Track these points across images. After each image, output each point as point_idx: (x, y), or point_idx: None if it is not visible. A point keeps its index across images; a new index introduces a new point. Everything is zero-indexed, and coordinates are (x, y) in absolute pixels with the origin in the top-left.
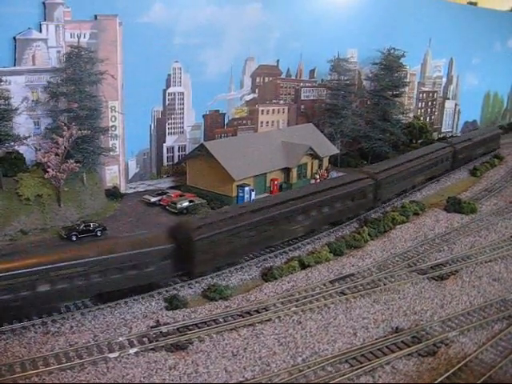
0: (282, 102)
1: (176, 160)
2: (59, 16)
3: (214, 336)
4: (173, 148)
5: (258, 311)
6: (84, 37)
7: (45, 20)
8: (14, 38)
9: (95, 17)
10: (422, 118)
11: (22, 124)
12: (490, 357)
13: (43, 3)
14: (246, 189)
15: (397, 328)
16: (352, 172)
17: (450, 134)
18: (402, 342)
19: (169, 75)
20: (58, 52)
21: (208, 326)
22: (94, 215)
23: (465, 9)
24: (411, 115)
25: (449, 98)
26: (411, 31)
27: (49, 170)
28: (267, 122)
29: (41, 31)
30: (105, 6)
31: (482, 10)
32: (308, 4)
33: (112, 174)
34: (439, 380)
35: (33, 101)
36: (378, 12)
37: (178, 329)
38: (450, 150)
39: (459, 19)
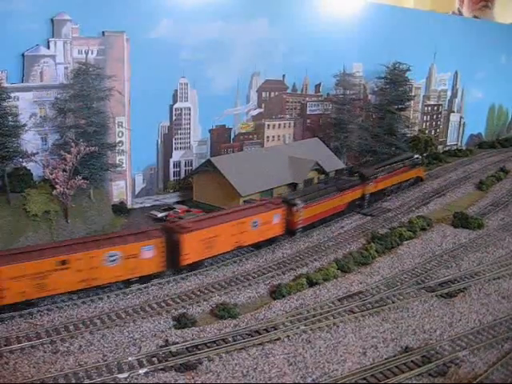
0: (288, 116)
1: (183, 175)
2: (67, 32)
3: (224, 355)
4: (179, 163)
5: (267, 330)
6: (92, 53)
7: (53, 36)
8: (23, 54)
9: (103, 33)
10: (427, 132)
11: (30, 140)
12: (500, 377)
13: (51, 20)
14: None
15: (406, 347)
16: None
17: (455, 147)
18: (412, 361)
19: (175, 91)
20: (66, 68)
21: (217, 345)
22: (101, 231)
23: (469, 22)
24: (416, 128)
25: (454, 111)
26: (416, 45)
27: (57, 186)
28: (273, 137)
29: (49, 48)
30: (112, 23)
31: (487, 23)
32: (314, 19)
33: (119, 190)
34: None
35: (40, 117)
36: (383, 26)
37: (187, 348)
38: None
39: (464, 33)
